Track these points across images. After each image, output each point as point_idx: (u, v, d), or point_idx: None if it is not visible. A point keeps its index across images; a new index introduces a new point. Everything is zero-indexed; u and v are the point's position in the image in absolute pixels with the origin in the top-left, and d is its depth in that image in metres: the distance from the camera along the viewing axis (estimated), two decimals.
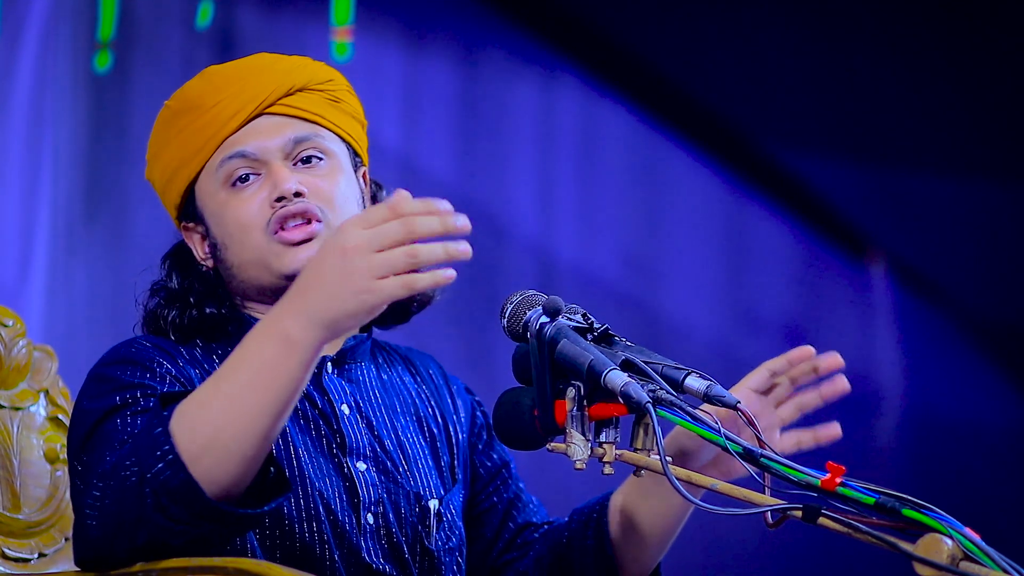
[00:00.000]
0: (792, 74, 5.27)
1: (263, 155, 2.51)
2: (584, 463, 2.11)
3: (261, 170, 2.51)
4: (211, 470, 2.16)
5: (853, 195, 5.31)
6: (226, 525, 2.19)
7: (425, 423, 2.65)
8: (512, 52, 5.12)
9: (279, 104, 2.54)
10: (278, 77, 2.54)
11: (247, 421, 2.15)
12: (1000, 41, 5.20)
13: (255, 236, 2.48)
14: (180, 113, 2.55)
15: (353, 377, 2.60)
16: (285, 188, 2.47)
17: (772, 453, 2.03)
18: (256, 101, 2.52)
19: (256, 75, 2.54)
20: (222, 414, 2.16)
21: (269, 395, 2.15)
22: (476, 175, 5.06)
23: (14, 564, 2.62)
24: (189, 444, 2.16)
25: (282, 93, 2.54)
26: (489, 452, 2.72)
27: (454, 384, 2.74)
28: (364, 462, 2.52)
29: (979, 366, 5.29)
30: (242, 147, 2.51)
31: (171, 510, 2.16)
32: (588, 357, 2.09)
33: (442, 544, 2.55)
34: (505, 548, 2.69)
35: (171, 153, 2.55)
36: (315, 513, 2.44)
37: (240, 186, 2.51)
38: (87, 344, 4.21)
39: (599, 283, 5.15)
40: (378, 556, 2.48)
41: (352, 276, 2.10)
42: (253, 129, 2.52)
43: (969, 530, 1.89)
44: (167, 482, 2.15)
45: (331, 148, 2.56)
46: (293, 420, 2.49)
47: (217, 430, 2.15)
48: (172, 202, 2.58)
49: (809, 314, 5.29)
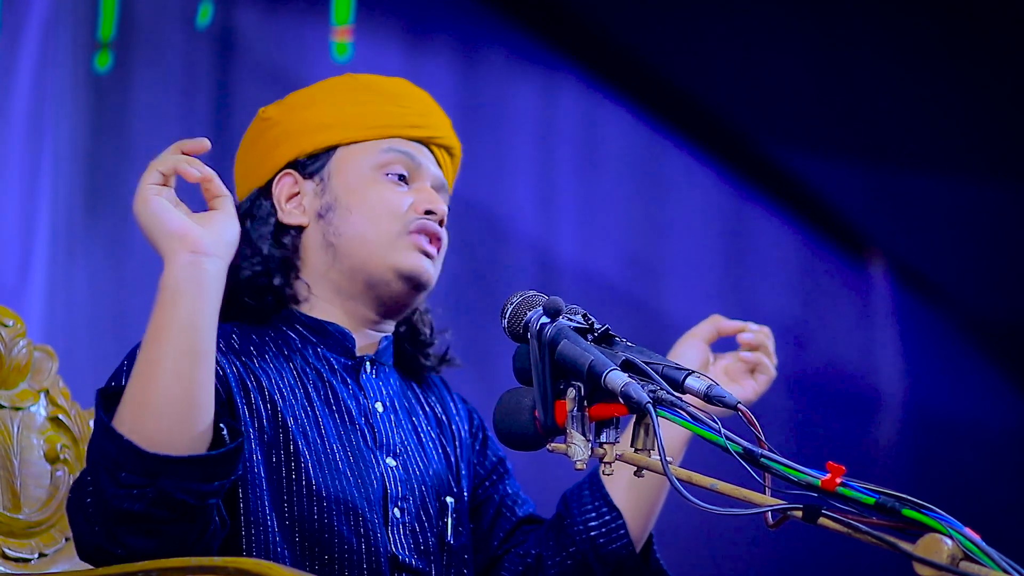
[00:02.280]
0: (792, 74, 5.27)
1: (421, 171, 2.70)
2: (584, 463, 2.12)
3: (411, 182, 2.69)
4: (152, 430, 2.25)
5: (853, 195, 5.31)
6: (181, 477, 2.25)
7: (437, 424, 2.76)
8: (512, 52, 5.12)
9: (440, 148, 2.76)
10: (448, 128, 2.79)
11: (164, 372, 2.28)
12: (1000, 41, 5.20)
13: (392, 224, 2.63)
14: (367, 88, 2.73)
15: (384, 377, 2.70)
16: (440, 208, 2.67)
17: (772, 453, 2.03)
18: (435, 131, 2.74)
19: (436, 113, 2.78)
20: (143, 376, 2.29)
21: (169, 339, 2.30)
22: (476, 175, 5.06)
23: (14, 564, 2.62)
24: (126, 415, 2.27)
25: (446, 144, 2.77)
26: (485, 451, 2.82)
27: (453, 394, 2.85)
28: (394, 458, 2.61)
29: (979, 366, 5.29)
30: (412, 152, 2.70)
31: (121, 476, 2.23)
32: (588, 357, 2.09)
33: (457, 539, 2.65)
34: (505, 540, 2.75)
35: (336, 111, 2.69)
36: (352, 506, 2.51)
37: (391, 178, 2.66)
38: (87, 344, 4.21)
39: (600, 283, 5.15)
40: (405, 549, 2.56)
41: (137, 212, 2.39)
42: (420, 148, 2.72)
43: (969, 530, 1.89)
44: (114, 455, 2.24)
45: (446, 208, 2.73)
46: (332, 414, 2.58)
47: (143, 391, 2.28)
48: (300, 149, 2.68)
49: (809, 314, 5.29)
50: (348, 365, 2.64)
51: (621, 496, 2.74)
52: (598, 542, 2.71)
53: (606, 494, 2.74)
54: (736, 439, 2.04)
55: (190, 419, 2.28)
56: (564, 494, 2.78)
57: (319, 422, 2.55)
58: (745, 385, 2.87)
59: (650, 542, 2.78)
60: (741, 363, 2.89)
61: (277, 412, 2.51)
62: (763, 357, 2.88)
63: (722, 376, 2.87)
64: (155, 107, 4.42)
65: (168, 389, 2.27)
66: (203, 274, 2.33)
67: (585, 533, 2.72)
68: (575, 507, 2.74)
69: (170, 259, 2.33)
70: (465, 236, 4.96)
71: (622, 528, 2.72)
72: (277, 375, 2.56)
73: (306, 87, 2.76)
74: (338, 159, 2.67)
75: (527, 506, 2.81)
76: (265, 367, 2.57)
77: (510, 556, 2.76)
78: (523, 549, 2.76)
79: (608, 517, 2.73)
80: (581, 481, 2.77)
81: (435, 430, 2.73)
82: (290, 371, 2.58)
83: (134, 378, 2.29)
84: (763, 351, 2.89)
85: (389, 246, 2.62)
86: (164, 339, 2.29)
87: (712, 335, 2.89)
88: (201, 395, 2.30)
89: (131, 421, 2.26)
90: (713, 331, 2.89)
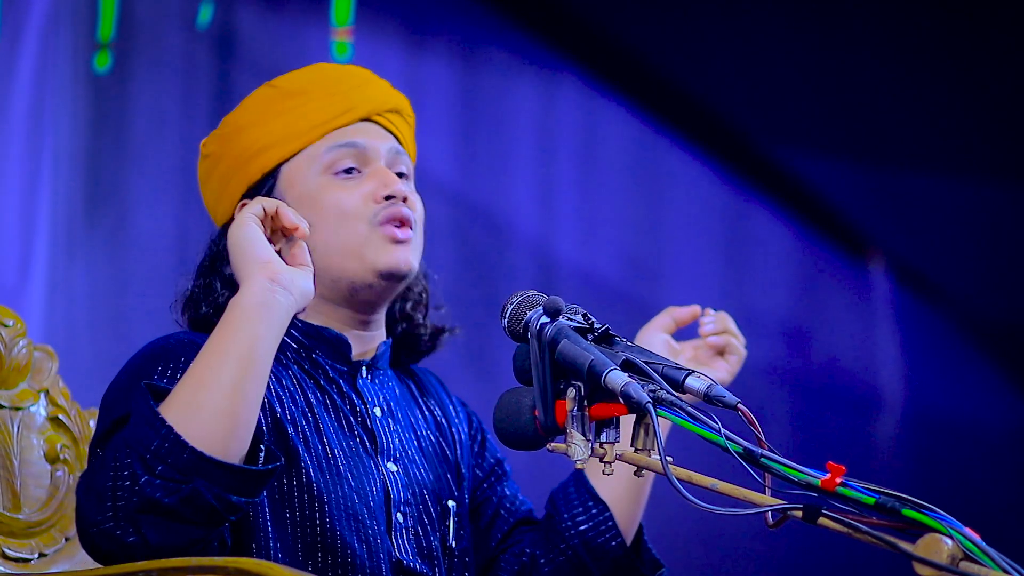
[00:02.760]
0: (792, 74, 5.27)
1: (371, 152, 2.63)
2: (585, 463, 2.12)
3: (364, 168, 2.62)
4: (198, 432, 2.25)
5: (853, 195, 5.31)
6: (217, 483, 2.25)
7: (436, 428, 2.75)
8: (512, 52, 5.12)
9: (382, 116, 2.67)
10: (385, 91, 2.70)
11: (221, 381, 2.28)
12: (1000, 41, 5.20)
13: (357, 225, 2.58)
14: (289, 95, 2.65)
15: (381, 382, 2.69)
16: (397, 189, 2.60)
17: (772, 453, 2.03)
18: (368, 106, 2.65)
19: (367, 83, 2.69)
20: (196, 380, 2.30)
21: (233, 351, 2.32)
22: (476, 175, 5.06)
23: (14, 564, 2.62)
24: (173, 412, 2.27)
25: (388, 108, 2.68)
26: (483, 452, 2.81)
27: (452, 397, 2.84)
28: (394, 463, 2.61)
29: (979, 366, 5.29)
30: (354, 139, 2.62)
31: (158, 468, 2.23)
32: (588, 357, 2.09)
33: (459, 542, 2.66)
34: (503, 539, 2.75)
35: (267, 130, 2.63)
36: (353, 511, 2.50)
37: (344, 176, 2.61)
38: (87, 344, 4.21)
39: (599, 283, 5.15)
40: (409, 553, 2.56)
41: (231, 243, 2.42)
42: (361, 129, 2.64)
43: (969, 530, 1.89)
44: (147, 441, 2.24)
45: (411, 171, 2.69)
46: (332, 420, 2.58)
47: (194, 394, 2.28)
48: (248, 179, 2.64)
49: (809, 314, 5.29)
50: (344, 371, 2.63)
51: (607, 489, 2.74)
52: (587, 536, 2.72)
53: (591, 488, 2.74)
54: (736, 439, 2.04)
55: (235, 433, 2.28)
56: (551, 493, 2.78)
57: (320, 428, 2.54)
58: (717, 367, 2.86)
59: (640, 532, 2.78)
60: (708, 348, 2.88)
61: (276, 418, 2.50)
62: (730, 338, 2.88)
63: (692, 364, 2.85)
64: (155, 107, 4.42)
65: (221, 399, 2.27)
66: (275, 302, 2.35)
67: (574, 529, 2.73)
68: (562, 505, 2.74)
69: (248, 281, 2.36)
70: (465, 236, 4.96)
71: (610, 520, 2.72)
72: (276, 382, 2.55)
73: (234, 108, 2.70)
74: (285, 176, 2.63)
75: (525, 506, 2.81)
76: None
77: (506, 556, 2.76)
78: (519, 548, 2.76)
79: (595, 511, 2.73)
80: (566, 480, 2.77)
81: (435, 433, 2.73)
82: (289, 378, 2.58)
83: (188, 382, 2.30)
84: (728, 334, 2.88)
85: (361, 248, 2.59)
86: (226, 352, 2.31)
87: (670, 325, 2.88)
88: (250, 414, 2.30)
89: (178, 419, 2.26)
90: (670, 321, 2.88)
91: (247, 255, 2.38)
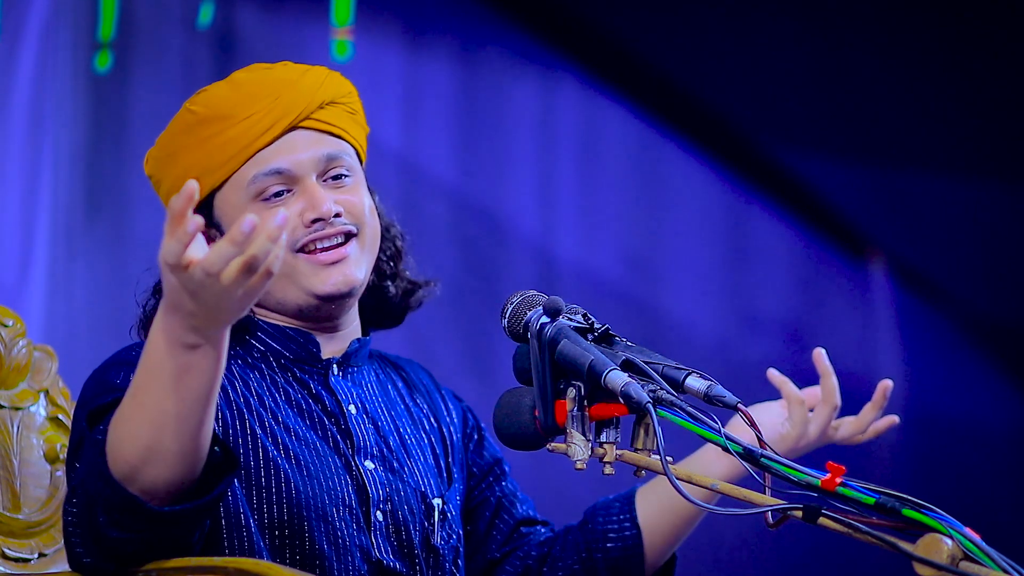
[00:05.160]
0: (793, 74, 5.27)
1: (298, 171, 2.52)
2: (584, 463, 2.12)
3: (294, 186, 2.52)
4: (154, 479, 2.19)
5: (853, 195, 5.31)
6: (181, 524, 2.23)
7: (422, 424, 2.70)
8: (512, 52, 5.12)
9: (310, 119, 2.55)
10: (309, 91, 2.55)
11: (175, 425, 2.17)
12: (1000, 41, 5.19)
13: (286, 254, 2.43)
14: (207, 121, 2.54)
15: (356, 379, 2.64)
16: (324, 210, 2.50)
17: (772, 453, 2.03)
18: (291, 116, 2.53)
19: (288, 88, 2.54)
20: (149, 425, 2.17)
21: (189, 396, 2.16)
22: (476, 174, 5.06)
23: (14, 564, 2.62)
24: (123, 463, 2.19)
25: (314, 108, 2.55)
26: (480, 451, 2.77)
27: (443, 390, 2.79)
28: (372, 461, 2.57)
29: (979, 366, 5.29)
30: (277, 164, 2.51)
31: (124, 522, 2.20)
32: (588, 357, 2.09)
33: (444, 542, 2.60)
34: (504, 542, 2.73)
35: (193, 159, 2.54)
36: (323, 512, 2.48)
37: (273, 201, 2.52)
38: (87, 344, 4.21)
39: (600, 283, 5.14)
40: (387, 552, 2.53)
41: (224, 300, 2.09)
42: (286, 144, 2.53)
43: (969, 530, 1.89)
44: (110, 500, 2.20)
45: (354, 164, 2.59)
46: (301, 420, 2.54)
47: (151, 440, 2.17)
48: None
49: (809, 314, 5.28)
50: (315, 369, 2.59)
51: (652, 515, 2.71)
52: (611, 555, 2.69)
53: (634, 511, 2.71)
54: (736, 439, 2.04)
55: (197, 464, 2.23)
56: (598, 501, 2.76)
57: (289, 430, 2.51)
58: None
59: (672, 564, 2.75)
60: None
61: (245, 421, 2.48)
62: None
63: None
64: (155, 107, 4.41)
65: (184, 440, 2.18)
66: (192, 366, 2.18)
67: (601, 543, 2.70)
68: (600, 516, 2.72)
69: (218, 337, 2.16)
70: (465, 236, 4.96)
71: (639, 549, 2.68)
72: (243, 385, 2.53)
73: (164, 129, 2.60)
74: (219, 205, 2.54)
75: (525, 506, 2.78)
76: (231, 378, 2.53)
77: (510, 559, 2.74)
78: (523, 551, 2.74)
79: (628, 534, 2.69)
80: (620, 493, 2.74)
81: (420, 430, 2.68)
82: (257, 380, 2.55)
83: (143, 423, 2.18)
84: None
85: (295, 275, 2.52)
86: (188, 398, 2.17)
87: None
88: (207, 438, 2.24)
89: (134, 464, 2.19)
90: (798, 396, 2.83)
91: (228, 317, 2.14)
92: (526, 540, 2.74)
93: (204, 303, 2.09)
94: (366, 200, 2.57)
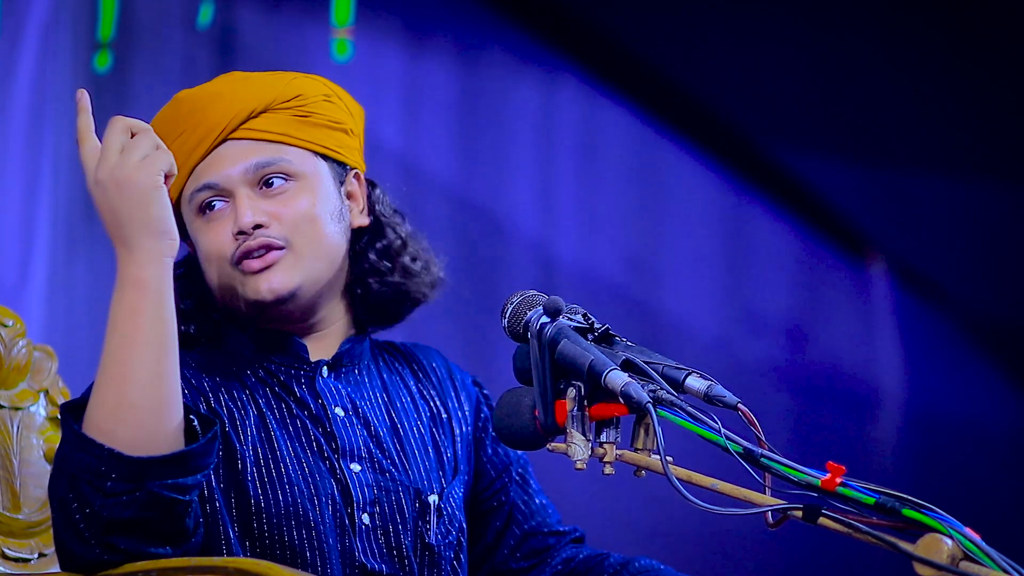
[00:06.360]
0: (792, 74, 5.27)
1: (227, 184, 2.54)
2: (585, 463, 2.12)
3: (229, 199, 2.55)
4: (133, 439, 2.25)
5: (853, 195, 5.31)
6: (167, 476, 2.25)
7: (427, 416, 2.67)
8: (512, 52, 5.12)
9: (242, 129, 2.56)
10: (239, 102, 2.56)
11: (134, 377, 2.27)
12: (1000, 41, 5.19)
13: (222, 266, 2.53)
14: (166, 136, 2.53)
15: (352, 379, 2.62)
16: (243, 223, 2.51)
17: (772, 453, 2.03)
18: (217, 129, 2.55)
19: (218, 101, 2.56)
20: (111, 383, 2.27)
21: (142, 341, 2.28)
22: (476, 175, 5.06)
23: (14, 564, 2.62)
24: (96, 430, 2.26)
25: (243, 118, 2.56)
26: (496, 447, 2.73)
27: (458, 376, 2.75)
28: (359, 463, 2.55)
29: (980, 366, 5.29)
30: (207, 179, 2.55)
31: (107, 486, 2.23)
32: (588, 357, 2.09)
33: (441, 539, 2.58)
34: (511, 554, 2.70)
35: None
36: (302, 517, 2.47)
37: (211, 214, 2.55)
38: (87, 344, 4.20)
39: (600, 283, 5.15)
40: (373, 556, 2.51)
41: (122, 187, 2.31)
42: (218, 157, 2.55)
43: (969, 530, 1.89)
44: (93, 465, 2.24)
45: (298, 168, 2.57)
46: (280, 424, 2.53)
47: (117, 397, 2.26)
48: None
49: (809, 314, 5.29)
50: (302, 372, 2.58)
51: None
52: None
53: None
54: (736, 439, 2.04)
55: (168, 417, 2.28)
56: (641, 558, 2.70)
57: (271, 436, 2.51)
58: None
59: None
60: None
61: (225, 431, 2.48)
62: None
63: None
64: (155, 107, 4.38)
65: (146, 390, 2.27)
66: (168, 271, 2.32)
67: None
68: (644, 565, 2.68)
69: (150, 257, 2.30)
70: (465, 236, 4.96)
71: None
72: (226, 393, 2.52)
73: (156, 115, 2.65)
74: (184, 217, 2.59)
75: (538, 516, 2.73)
76: (214, 386, 2.53)
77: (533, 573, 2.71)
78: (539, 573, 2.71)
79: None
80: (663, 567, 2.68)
81: (426, 424, 2.65)
82: (239, 386, 2.54)
83: (106, 384, 2.27)
84: None
85: (232, 286, 2.54)
86: (138, 340, 2.28)
87: None
88: (175, 390, 2.30)
89: (107, 428, 2.25)
90: None
91: (154, 225, 2.30)
92: (546, 555, 2.71)
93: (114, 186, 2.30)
94: (301, 205, 2.55)
